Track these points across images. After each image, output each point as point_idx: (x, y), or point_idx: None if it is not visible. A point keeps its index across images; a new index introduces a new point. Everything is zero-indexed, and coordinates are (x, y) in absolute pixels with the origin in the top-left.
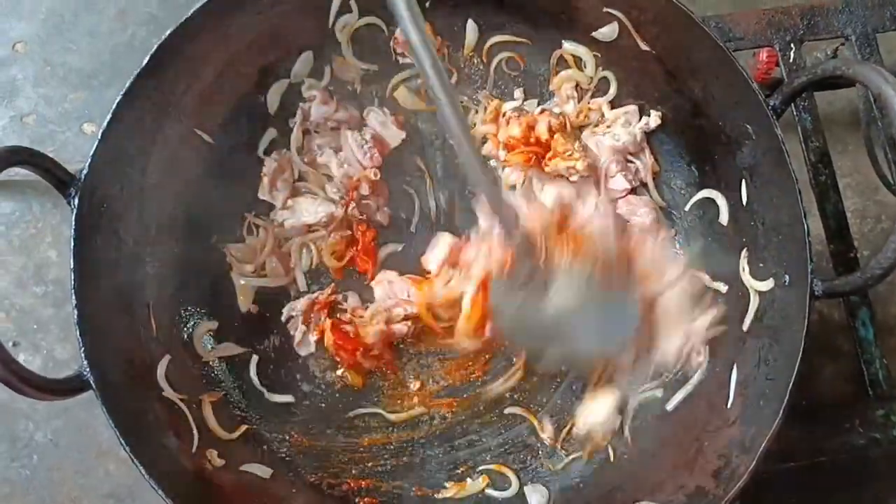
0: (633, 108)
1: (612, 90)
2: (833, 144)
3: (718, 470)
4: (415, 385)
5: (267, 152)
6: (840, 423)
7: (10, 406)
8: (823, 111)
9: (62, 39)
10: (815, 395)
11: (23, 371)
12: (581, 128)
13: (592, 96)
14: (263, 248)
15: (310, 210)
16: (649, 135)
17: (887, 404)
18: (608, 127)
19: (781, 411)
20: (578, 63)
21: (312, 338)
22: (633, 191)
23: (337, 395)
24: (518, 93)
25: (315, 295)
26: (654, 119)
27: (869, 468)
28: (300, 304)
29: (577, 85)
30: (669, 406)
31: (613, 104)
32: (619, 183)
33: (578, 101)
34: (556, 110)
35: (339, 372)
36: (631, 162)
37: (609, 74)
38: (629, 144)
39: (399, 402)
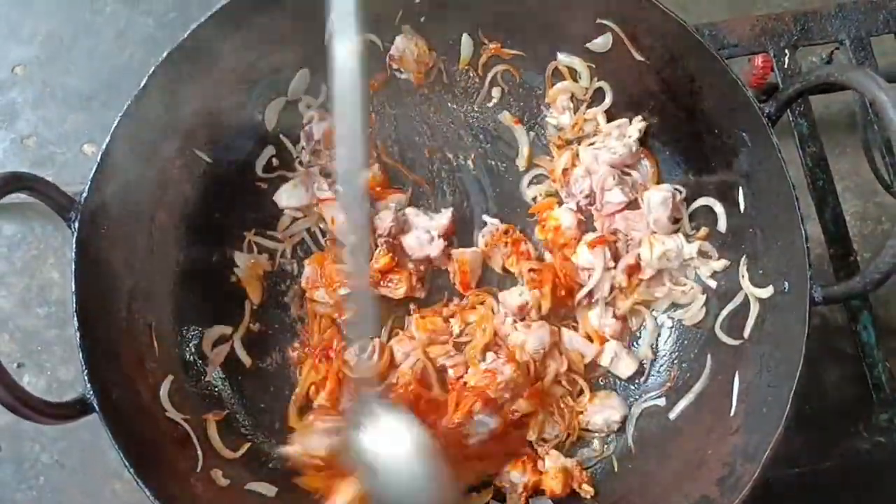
0: (625, 120)
1: (608, 100)
2: (831, 147)
3: (723, 478)
4: None
5: (266, 170)
6: (844, 427)
7: (15, 428)
8: (820, 114)
9: (61, 61)
10: (819, 399)
11: (27, 396)
12: (579, 140)
13: (588, 107)
14: None
15: None
16: (649, 144)
17: (891, 408)
18: (603, 141)
19: (784, 418)
20: (573, 74)
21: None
22: (630, 205)
23: None
24: None
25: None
26: (637, 126)
27: (875, 472)
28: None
29: (572, 96)
30: (672, 415)
31: (610, 114)
32: (616, 196)
33: (574, 113)
34: (553, 122)
35: None
36: (627, 174)
37: (604, 85)
38: (625, 157)
39: None
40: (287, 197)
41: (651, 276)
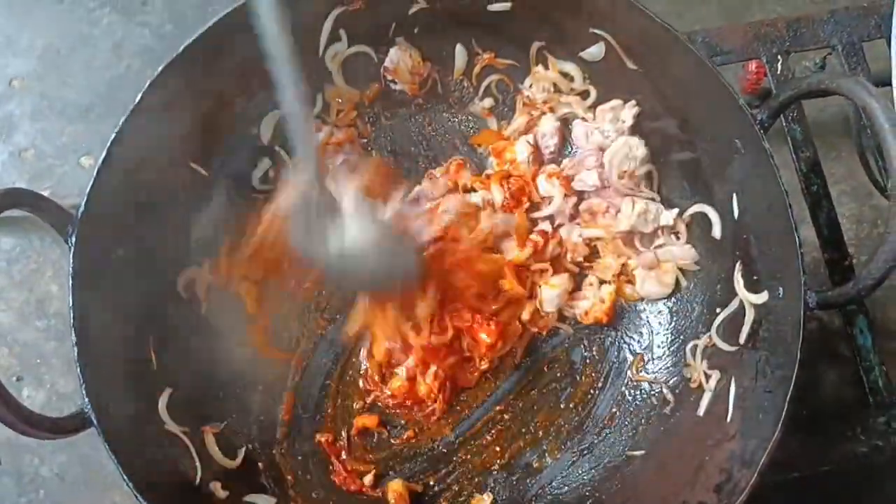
0: (619, 102)
1: (592, 98)
2: (826, 151)
3: (720, 484)
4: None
5: (262, 182)
6: (842, 431)
7: (15, 441)
8: (815, 118)
9: (58, 74)
10: (817, 402)
11: (25, 412)
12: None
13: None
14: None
15: None
16: None
17: (888, 411)
18: (596, 124)
19: (780, 423)
20: (566, 77)
21: None
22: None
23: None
24: None
25: None
26: (630, 111)
27: (873, 476)
28: None
29: (554, 85)
30: (670, 422)
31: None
32: (591, 178)
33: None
34: (528, 94)
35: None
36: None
37: (590, 88)
38: (614, 140)
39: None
40: None
41: (619, 234)
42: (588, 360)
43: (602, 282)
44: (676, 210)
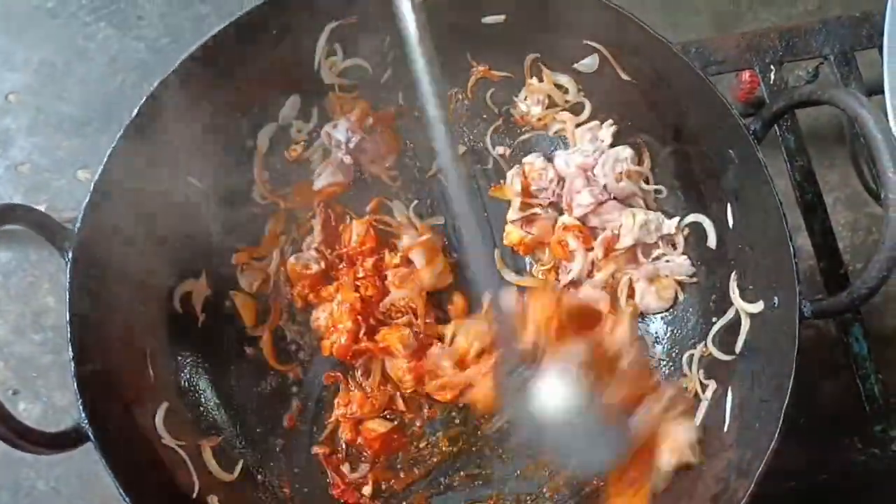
0: (596, 123)
1: (587, 112)
2: (821, 159)
3: (717, 495)
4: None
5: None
6: (838, 440)
7: (11, 455)
8: (809, 125)
9: (54, 88)
10: (814, 411)
11: (21, 427)
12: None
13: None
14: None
15: None
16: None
17: (885, 419)
18: (575, 146)
19: (777, 433)
20: (560, 89)
21: None
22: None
23: None
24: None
25: None
26: (608, 130)
27: (871, 484)
28: None
29: (549, 98)
30: None
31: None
32: (585, 199)
33: (546, 108)
34: (523, 107)
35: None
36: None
37: (584, 100)
38: (595, 158)
39: None
40: None
41: (625, 250)
42: None
43: None
44: (677, 218)
